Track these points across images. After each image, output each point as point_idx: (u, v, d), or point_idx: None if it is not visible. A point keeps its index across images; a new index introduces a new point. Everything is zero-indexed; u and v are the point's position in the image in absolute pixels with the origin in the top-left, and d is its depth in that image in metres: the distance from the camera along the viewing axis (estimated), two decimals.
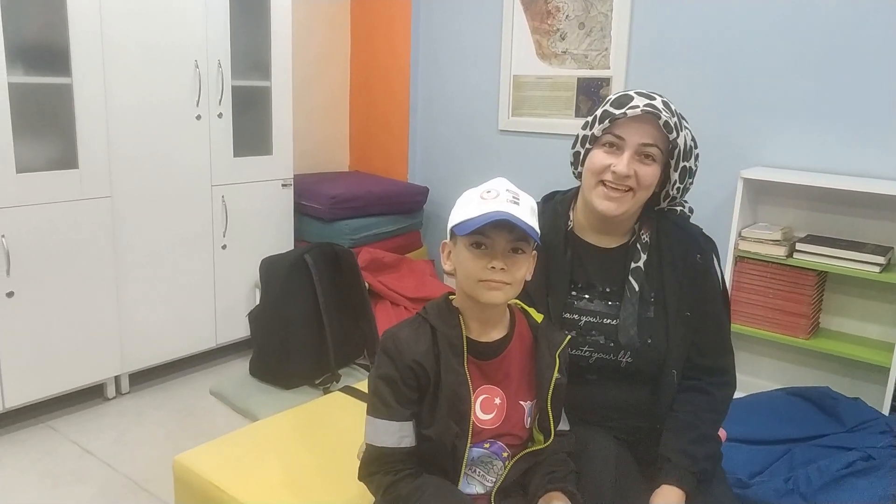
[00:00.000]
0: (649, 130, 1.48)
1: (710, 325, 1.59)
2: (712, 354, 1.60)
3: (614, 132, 1.50)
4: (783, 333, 2.91)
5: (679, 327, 1.55)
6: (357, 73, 4.47)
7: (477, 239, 1.29)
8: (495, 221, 1.26)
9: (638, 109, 1.46)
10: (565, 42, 3.65)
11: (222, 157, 3.26)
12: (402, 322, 1.42)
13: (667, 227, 1.61)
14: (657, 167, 1.51)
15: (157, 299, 3.12)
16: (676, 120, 1.49)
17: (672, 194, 1.57)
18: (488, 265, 1.29)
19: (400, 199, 3.95)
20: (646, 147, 1.48)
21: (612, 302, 1.57)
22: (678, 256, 1.58)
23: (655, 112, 1.46)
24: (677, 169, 1.53)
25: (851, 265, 2.73)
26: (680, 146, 1.49)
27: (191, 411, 2.93)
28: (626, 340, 1.52)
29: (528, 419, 1.41)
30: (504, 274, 1.29)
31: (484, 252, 1.30)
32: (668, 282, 1.57)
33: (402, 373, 1.32)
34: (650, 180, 1.50)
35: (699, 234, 1.64)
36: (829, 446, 2.45)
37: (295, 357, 2.25)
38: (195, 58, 3.08)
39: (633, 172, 1.48)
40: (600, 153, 1.52)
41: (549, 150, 3.77)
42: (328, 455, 1.78)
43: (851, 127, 2.91)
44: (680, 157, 1.51)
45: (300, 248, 2.27)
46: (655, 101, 1.49)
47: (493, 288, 1.30)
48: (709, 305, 1.59)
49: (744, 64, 3.13)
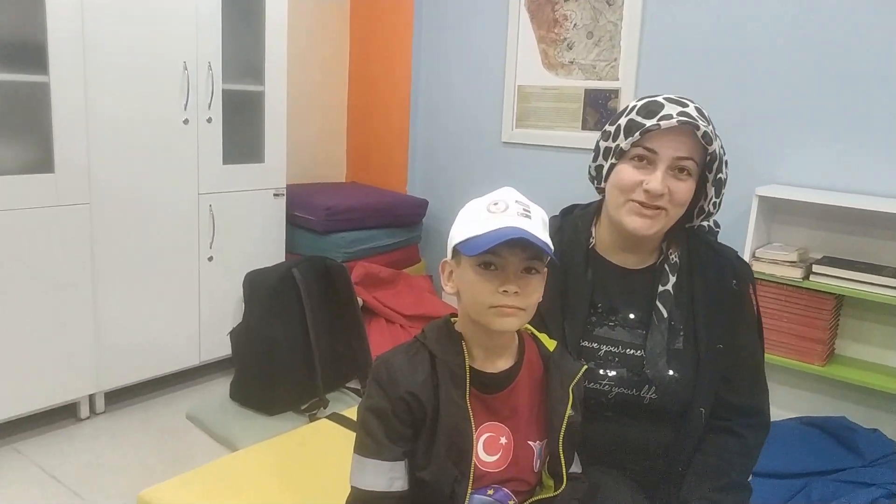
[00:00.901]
0: (684, 142, 1.32)
1: (744, 360, 1.44)
2: (745, 393, 1.44)
3: (645, 145, 1.34)
4: (798, 360, 2.78)
5: (710, 361, 1.39)
6: (356, 81, 4.34)
7: (487, 259, 1.14)
8: (508, 241, 1.11)
9: (673, 120, 1.31)
10: (573, 52, 3.53)
11: (211, 164, 3.12)
12: (396, 347, 1.26)
13: (698, 247, 1.46)
14: (693, 182, 1.35)
15: (137, 313, 2.96)
16: (712, 128, 1.34)
17: (707, 209, 1.42)
18: (500, 288, 1.14)
19: (398, 211, 3.80)
20: (681, 161, 1.33)
21: (637, 330, 1.41)
22: (712, 281, 1.43)
23: (692, 122, 1.30)
24: (714, 182, 1.37)
25: (871, 289, 2.61)
26: (717, 156, 1.34)
27: (171, 434, 2.75)
28: (653, 373, 1.37)
29: (537, 462, 1.25)
30: (518, 298, 1.15)
31: (494, 274, 1.15)
32: (700, 309, 1.41)
33: (394, 405, 1.17)
34: (685, 197, 1.35)
35: (735, 257, 1.48)
36: (849, 481, 2.35)
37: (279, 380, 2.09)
38: (184, 59, 2.94)
39: (668, 189, 1.32)
40: (629, 168, 1.36)
41: (555, 163, 3.65)
42: (311, 493, 1.62)
43: (870, 144, 2.81)
44: (716, 169, 1.36)
45: (288, 262, 2.11)
46: (689, 108, 1.34)
47: (507, 314, 1.15)
48: (743, 338, 1.44)
49: (759, 77, 3.02)
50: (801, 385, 2.95)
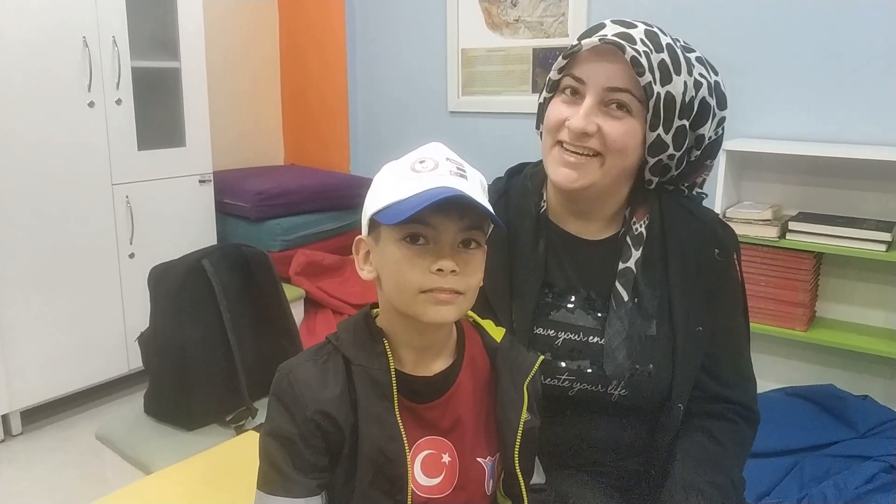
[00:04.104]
0: (619, 70, 1.06)
1: (727, 345, 1.19)
2: (730, 383, 1.19)
3: (573, 73, 1.09)
4: (779, 325, 2.59)
5: (688, 347, 1.14)
6: (287, 53, 4.03)
7: (414, 230, 0.88)
8: (441, 201, 0.85)
9: (594, 38, 1.05)
10: (517, 9, 3.28)
11: (124, 150, 2.83)
12: (303, 353, 1.00)
13: (672, 211, 1.20)
14: (635, 122, 1.08)
15: (50, 320, 2.68)
16: (666, 57, 1.07)
17: (665, 163, 1.15)
18: (432, 267, 0.88)
19: (339, 193, 3.53)
20: (614, 93, 1.07)
21: (600, 314, 1.16)
22: (690, 252, 1.17)
23: (619, 43, 1.04)
24: (667, 129, 1.09)
25: (853, 244, 2.43)
26: (657, 93, 1.06)
27: (96, 454, 2.48)
28: (612, 369, 1.11)
29: (489, 482, 1.00)
30: (457, 279, 0.89)
31: (424, 249, 0.89)
32: (676, 287, 1.15)
33: (302, 429, 0.91)
34: (623, 140, 1.08)
35: (716, 221, 1.23)
36: (843, 456, 2.21)
37: (196, 389, 1.82)
38: (83, 34, 2.62)
39: (597, 129, 1.07)
40: (558, 103, 1.12)
41: (506, 131, 3.43)
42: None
43: (842, 89, 2.62)
44: (672, 112, 1.09)
45: (196, 252, 1.84)
46: (635, 29, 1.08)
47: (442, 302, 0.89)
48: (727, 318, 1.20)
49: (720, 23, 2.80)
50: (783, 352, 2.77)
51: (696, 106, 1.12)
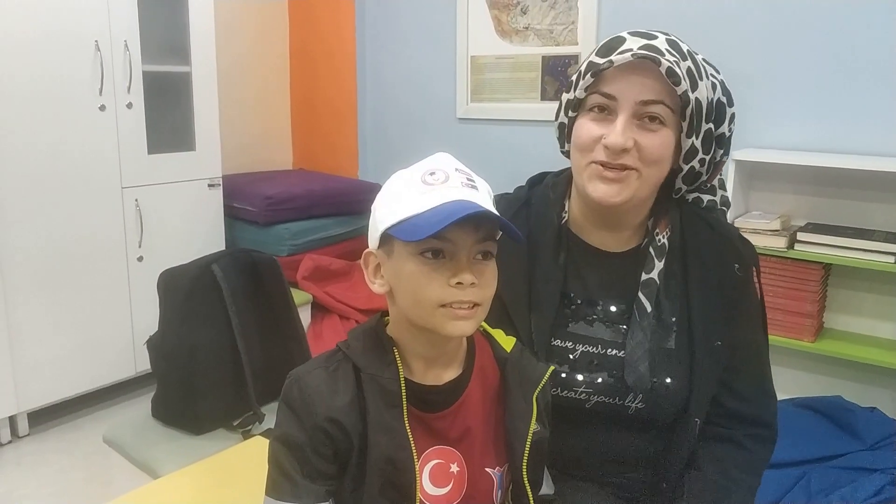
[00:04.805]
0: (650, 83, 1.06)
1: (747, 360, 1.19)
2: (749, 399, 1.19)
3: (602, 90, 1.08)
4: (787, 336, 2.59)
5: (707, 362, 1.14)
6: (297, 58, 4.05)
7: (433, 245, 0.88)
8: (464, 217, 0.85)
9: (628, 54, 1.05)
10: (527, 16, 3.29)
11: (134, 154, 2.84)
12: (314, 360, 1.01)
13: (694, 223, 1.20)
14: (669, 133, 1.08)
15: (58, 322, 2.69)
16: (690, 64, 1.08)
17: (698, 170, 1.15)
18: (452, 280, 0.88)
19: (347, 197, 3.54)
20: (648, 106, 1.06)
21: (620, 326, 1.16)
22: (710, 266, 1.17)
23: (651, 55, 1.04)
24: (697, 134, 1.10)
25: (862, 255, 2.42)
26: (692, 100, 1.07)
27: (103, 456, 2.47)
28: (633, 380, 1.11)
29: (498, 493, 1.00)
30: (475, 291, 0.90)
31: (443, 263, 0.89)
32: (696, 300, 1.15)
33: (311, 436, 0.91)
34: (659, 152, 1.08)
35: (737, 236, 1.22)
36: (850, 468, 2.19)
37: (205, 394, 1.82)
38: (95, 38, 2.64)
39: (633, 143, 1.06)
40: (587, 122, 1.11)
41: (514, 138, 3.42)
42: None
43: (851, 99, 2.61)
44: (701, 117, 1.09)
45: (206, 257, 1.86)
46: (657, 40, 1.08)
47: (462, 317, 0.89)
48: (747, 333, 1.19)
49: (729, 33, 2.80)
50: (791, 363, 2.76)
51: (716, 107, 1.13)
